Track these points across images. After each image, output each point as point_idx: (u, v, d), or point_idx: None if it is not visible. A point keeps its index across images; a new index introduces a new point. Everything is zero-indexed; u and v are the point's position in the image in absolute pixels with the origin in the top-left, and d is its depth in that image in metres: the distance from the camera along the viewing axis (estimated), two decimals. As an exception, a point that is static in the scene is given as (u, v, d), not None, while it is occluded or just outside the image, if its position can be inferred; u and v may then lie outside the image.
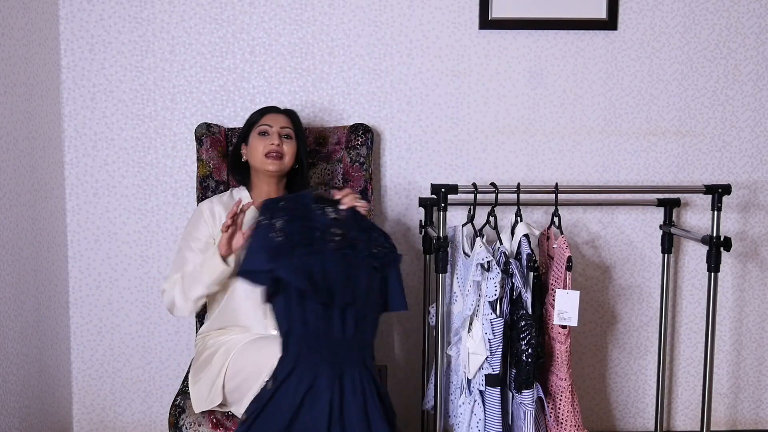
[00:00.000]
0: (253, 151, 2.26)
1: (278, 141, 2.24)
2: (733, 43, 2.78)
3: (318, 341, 1.89)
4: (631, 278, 2.84)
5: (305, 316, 1.88)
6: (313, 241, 1.91)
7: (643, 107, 2.79)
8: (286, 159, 2.26)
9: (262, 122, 2.29)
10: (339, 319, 1.90)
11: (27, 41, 2.41)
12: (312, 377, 1.87)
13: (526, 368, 2.13)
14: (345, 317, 1.91)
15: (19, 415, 2.35)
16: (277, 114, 2.32)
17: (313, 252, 1.90)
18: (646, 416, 2.90)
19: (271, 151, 2.22)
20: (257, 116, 2.32)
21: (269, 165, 2.23)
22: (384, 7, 2.70)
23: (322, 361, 1.89)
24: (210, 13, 2.68)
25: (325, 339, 1.90)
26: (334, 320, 1.90)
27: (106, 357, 2.78)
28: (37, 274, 2.50)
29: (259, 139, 2.25)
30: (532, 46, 2.74)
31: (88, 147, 2.70)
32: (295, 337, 1.90)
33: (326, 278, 1.89)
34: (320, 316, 1.89)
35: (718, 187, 2.33)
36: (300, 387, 1.87)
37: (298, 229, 1.91)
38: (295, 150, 2.29)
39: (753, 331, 2.90)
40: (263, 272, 1.87)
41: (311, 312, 1.88)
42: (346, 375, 1.89)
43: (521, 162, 2.78)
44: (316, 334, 1.89)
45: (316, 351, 1.89)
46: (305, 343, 1.89)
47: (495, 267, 2.11)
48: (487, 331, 2.12)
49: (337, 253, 1.92)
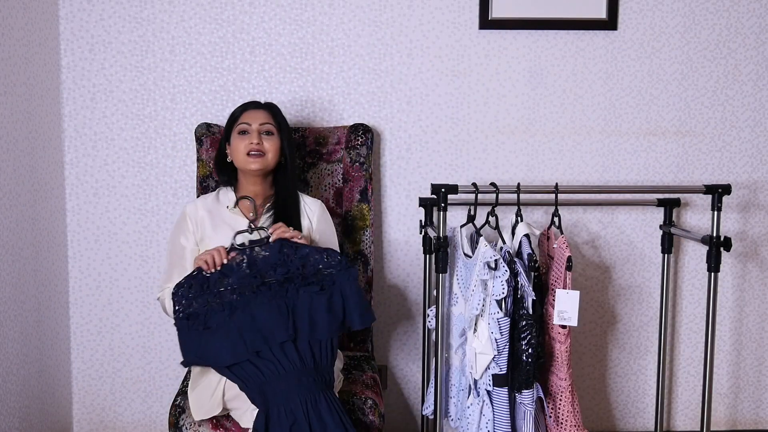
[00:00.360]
0: (235, 152, 2.22)
1: (257, 139, 2.19)
2: (733, 43, 2.78)
3: (279, 379, 1.95)
4: (631, 278, 2.84)
5: (256, 365, 1.95)
6: (234, 302, 1.99)
7: (643, 107, 2.79)
8: (269, 156, 2.21)
9: (242, 120, 2.24)
10: (293, 352, 1.96)
11: (27, 41, 2.41)
12: (290, 412, 1.92)
13: (526, 368, 2.13)
14: (299, 348, 1.97)
15: (19, 415, 2.35)
16: (257, 110, 2.26)
17: (238, 309, 1.98)
18: (646, 416, 2.90)
19: (252, 150, 2.19)
20: (237, 114, 2.27)
21: (251, 164, 2.19)
22: (384, 7, 2.70)
23: (292, 393, 1.93)
24: (210, 13, 2.68)
25: (285, 374, 1.95)
26: (288, 355, 1.96)
27: (106, 357, 2.78)
28: (37, 274, 2.50)
29: (240, 139, 2.21)
30: (532, 46, 2.74)
31: (88, 147, 2.70)
32: (257, 387, 1.96)
33: (259, 327, 1.96)
34: (271, 360, 1.95)
35: (718, 187, 2.33)
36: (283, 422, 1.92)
37: (216, 297, 2.00)
38: (278, 146, 2.23)
39: (753, 331, 2.90)
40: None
41: (259, 361, 1.95)
42: (320, 398, 1.94)
43: (521, 162, 2.78)
44: (273, 375, 1.95)
45: (281, 388, 1.94)
46: (268, 387, 1.95)
47: (503, 265, 2.11)
48: (494, 330, 2.12)
49: (265, 296, 1.99)
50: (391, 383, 2.82)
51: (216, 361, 1.98)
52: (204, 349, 1.98)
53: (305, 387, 1.95)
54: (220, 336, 1.97)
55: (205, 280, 2.01)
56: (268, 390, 1.95)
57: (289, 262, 2.04)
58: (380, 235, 2.77)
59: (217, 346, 1.96)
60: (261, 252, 2.05)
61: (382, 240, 2.78)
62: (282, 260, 2.04)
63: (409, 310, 2.81)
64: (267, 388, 1.95)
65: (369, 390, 2.28)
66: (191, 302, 2.00)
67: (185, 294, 2.01)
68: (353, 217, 2.56)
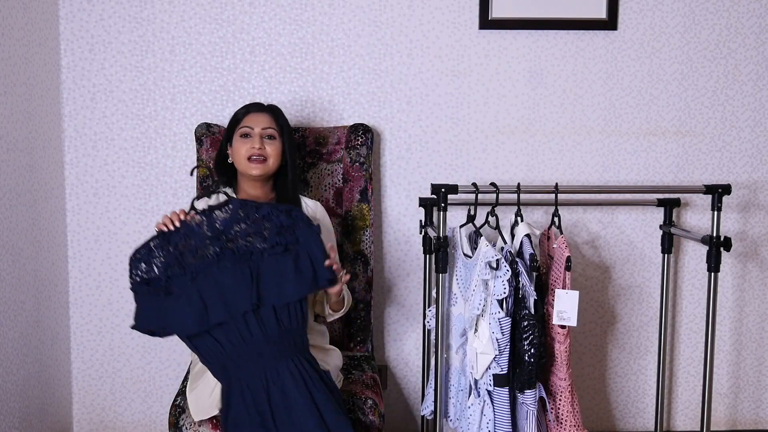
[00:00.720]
0: (237, 155, 2.20)
1: (260, 144, 2.17)
2: (733, 43, 2.78)
3: (240, 353, 1.93)
4: (631, 278, 2.84)
5: (216, 339, 1.93)
6: (196, 266, 1.94)
7: (643, 107, 2.79)
8: (270, 161, 2.19)
9: (244, 123, 2.21)
10: (254, 323, 1.93)
11: (27, 41, 2.41)
12: (250, 387, 1.91)
13: (529, 368, 2.13)
14: (261, 318, 1.93)
15: (19, 416, 2.35)
16: (259, 113, 2.24)
17: (200, 273, 1.93)
18: (646, 416, 2.90)
19: (253, 154, 2.17)
20: (240, 116, 2.25)
21: (253, 169, 2.18)
22: (384, 7, 2.70)
23: (252, 367, 1.92)
24: (210, 13, 2.68)
25: (245, 347, 1.93)
26: (250, 326, 1.93)
27: (106, 357, 2.78)
28: (37, 274, 2.50)
29: (242, 142, 2.19)
30: (532, 46, 2.74)
31: (88, 147, 2.70)
32: (218, 361, 1.95)
33: (222, 293, 1.92)
34: (231, 331, 1.92)
35: (718, 187, 2.33)
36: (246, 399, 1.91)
37: (177, 260, 1.94)
38: (279, 150, 2.21)
39: (753, 331, 2.90)
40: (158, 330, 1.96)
41: (220, 334, 1.92)
42: (282, 368, 1.92)
43: (521, 162, 2.78)
44: (234, 348, 1.93)
45: (242, 362, 1.93)
46: (230, 362, 1.94)
47: (504, 265, 2.11)
48: (495, 330, 2.12)
49: (229, 260, 1.94)
50: (391, 383, 2.83)
51: (179, 330, 1.93)
52: (165, 316, 1.93)
53: (266, 358, 1.93)
54: (183, 303, 1.91)
55: (166, 242, 1.95)
56: (229, 365, 1.94)
57: (249, 221, 1.99)
58: (380, 235, 2.77)
59: (180, 314, 1.92)
60: (221, 214, 2.00)
61: (382, 240, 2.78)
62: (243, 219, 1.99)
63: (409, 310, 2.81)
64: (228, 363, 1.94)
65: (369, 390, 2.28)
66: (151, 266, 1.94)
67: (144, 257, 1.95)
68: (353, 217, 2.56)
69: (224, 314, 1.91)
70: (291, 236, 1.97)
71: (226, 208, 1.99)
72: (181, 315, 1.91)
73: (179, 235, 1.95)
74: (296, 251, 1.97)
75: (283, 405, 1.90)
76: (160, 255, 1.94)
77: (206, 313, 1.91)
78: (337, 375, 2.26)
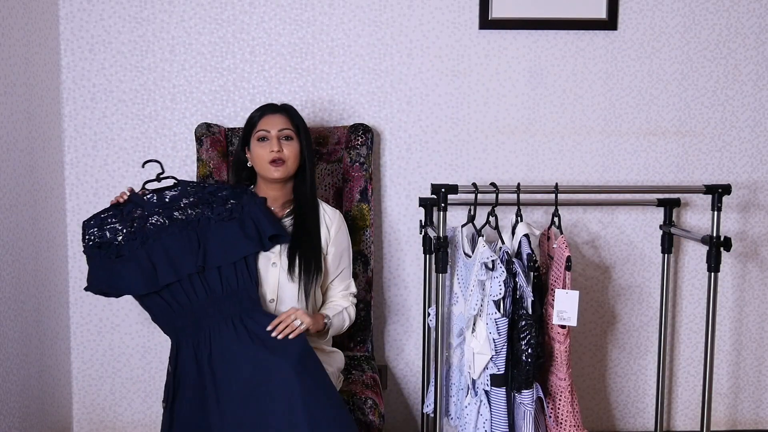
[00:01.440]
0: (257, 159, 2.20)
1: (278, 147, 2.17)
2: (733, 43, 2.78)
3: (186, 313, 2.04)
4: (631, 278, 2.84)
5: (165, 299, 2.05)
6: (145, 232, 2.07)
7: (643, 107, 2.79)
8: (289, 163, 2.19)
9: (260, 127, 2.21)
10: (200, 285, 2.04)
11: (27, 41, 2.41)
12: (195, 346, 2.02)
13: (526, 368, 2.13)
14: (206, 280, 2.05)
15: (19, 415, 2.35)
16: (274, 115, 2.24)
17: (149, 238, 2.06)
18: (646, 416, 2.90)
19: (274, 158, 2.17)
20: (255, 119, 2.25)
21: (274, 172, 2.18)
22: (384, 7, 2.70)
23: (198, 326, 2.03)
24: (210, 13, 2.68)
25: (191, 307, 2.04)
26: (196, 288, 2.04)
27: (106, 357, 2.78)
28: (37, 274, 2.50)
29: (260, 146, 2.19)
30: (532, 46, 2.74)
31: (88, 147, 2.70)
32: (167, 321, 2.06)
33: (169, 256, 2.04)
34: (178, 292, 2.04)
35: (718, 187, 2.33)
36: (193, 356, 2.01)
37: (128, 227, 2.08)
38: (297, 150, 2.21)
39: (753, 331, 2.90)
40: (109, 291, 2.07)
41: (168, 295, 2.04)
42: (227, 326, 2.01)
43: (521, 162, 2.78)
44: (181, 308, 2.04)
45: (189, 321, 2.04)
46: (178, 320, 2.05)
47: (500, 266, 2.11)
48: (492, 330, 2.12)
49: (177, 226, 2.08)
50: (391, 383, 2.83)
51: (130, 290, 2.04)
52: (116, 278, 2.03)
53: (211, 318, 2.02)
54: (133, 265, 2.03)
55: (118, 211, 2.09)
56: (178, 323, 2.05)
57: (197, 196, 2.13)
58: (380, 235, 2.77)
59: (130, 275, 2.02)
60: (171, 192, 2.14)
61: (382, 240, 2.78)
62: (191, 194, 2.14)
63: (409, 310, 2.81)
64: (177, 322, 2.05)
65: (369, 390, 2.28)
66: (104, 231, 2.07)
67: (97, 223, 2.07)
68: (353, 217, 2.56)
69: (172, 275, 2.03)
70: (236, 206, 2.12)
71: (175, 188, 2.15)
72: (131, 276, 2.03)
73: (130, 206, 2.10)
74: (241, 218, 2.11)
75: (223, 362, 1.97)
76: (112, 222, 2.08)
77: (155, 274, 2.03)
78: (338, 376, 2.26)
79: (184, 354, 2.03)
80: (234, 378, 1.94)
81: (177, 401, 2.02)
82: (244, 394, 1.92)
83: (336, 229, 2.27)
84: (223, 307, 2.04)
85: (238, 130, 2.60)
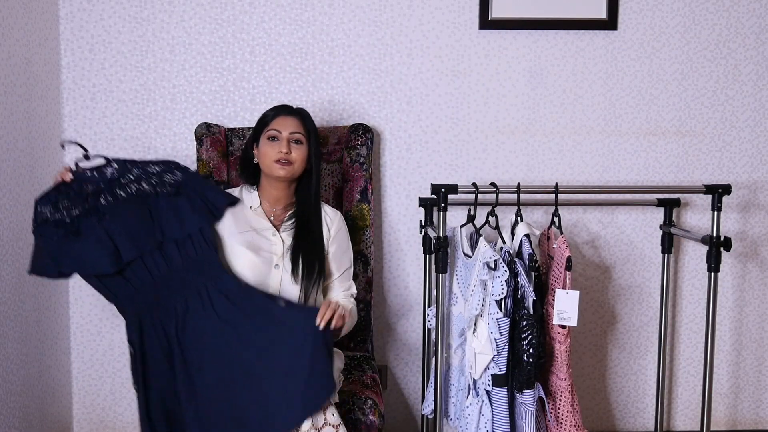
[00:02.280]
0: (263, 157, 2.20)
1: (287, 149, 2.17)
2: (733, 43, 2.78)
3: (148, 289, 2.03)
4: (631, 278, 2.84)
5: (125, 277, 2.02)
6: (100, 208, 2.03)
7: (643, 107, 2.79)
8: (296, 166, 2.19)
9: (272, 126, 2.21)
10: (160, 259, 2.03)
11: (27, 41, 2.41)
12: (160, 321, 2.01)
13: (527, 368, 2.13)
14: (165, 253, 2.04)
15: (20, 415, 2.35)
16: (288, 117, 2.23)
17: (106, 214, 2.02)
18: (646, 416, 2.90)
19: (281, 159, 2.17)
20: (269, 118, 2.24)
21: (278, 171, 2.18)
22: (384, 7, 2.70)
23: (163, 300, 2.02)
24: (210, 13, 2.68)
25: (153, 283, 2.03)
26: (157, 262, 2.03)
27: (106, 357, 2.78)
28: (37, 274, 2.50)
29: (269, 145, 2.19)
30: (532, 46, 2.74)
31: (88, 147, 2.69)
32: (127, 298, 2.03)
33: (128, 232, 2.01)
34: (138, 268, 2.02)
35: (718, 187, 2.33)
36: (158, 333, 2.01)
37: (81, 204, 2.03)
38: (305, 155, 2.21)
39: (753, 331, 2.90)
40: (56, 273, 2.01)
41: (128, 272, 2.02)
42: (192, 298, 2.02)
43: (521, 162, 2.78)
44: (143, 284, 2.02)
45: (151, 297, 2.03)
46: (140, 296, 2.03)
47: (502, 265, 2.11)
48: (493, 330, 2.12)
49: (130, 202, 2.05)
50: (391, 383, 2.83)
51: (95, 269, 1.99)
52: (76, 257, 1.98)
53: (173, 291, 2.02)
54: (93, 243, 1.98)
55: (67, 189, 2.02)
56: (141, 304, 2.02)
57: (135, 173, 2.10)
58: (380, 235, 2.77)
59: (93, 254, 1.98)
60: (109, 169, 2.09)
61: (382, 240, 2.78)
62: (129, 171, 2.10)
63: (409, 310, 2.81)
64: (138, 298, 2.03)
65: (369, 390, 2.28)
66: (58, 208, 2.00)
67: (50, 200, 2.01)
68: (353, 217, 2.56)
69: (134, 252, 2.01)
70: (176, 180, 2.11)
71: (110, 165, 2.09)
72: (95, 255, 1.98)
73: (77, 184, 2.04)
74: (186, 193, 2.10)
75: (193, 335, 1.99)
76: (64, 200, 2.02)
77: (117, 252, 1.99)
78: (338, 376, 2.26)
79: (150, 333, 2.01)
80: (205, 351, 1.97)
81: (148, 382, 2.02)
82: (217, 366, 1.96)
83: (336, 229, 2.27)
84: (187, 280, 2.03)
85: (238, 130, 2.60)
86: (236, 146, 2.58)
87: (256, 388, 1.94)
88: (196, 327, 1.99)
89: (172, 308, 2.01)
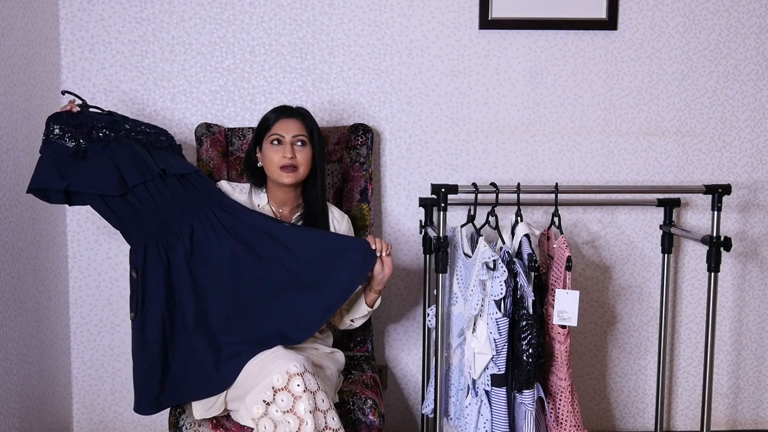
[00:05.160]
0: (268, 162, 2.20)
1: (291, 153, 2.17)
2: (733, 43, 2.78)
3: (151, 215, 2.06)
4: (631, 278, 2.84)
5: (130, 203, 2.05)
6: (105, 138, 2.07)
7: (643, 107, 2.79)
8: (301, 169, 2.20)
9: (275, 131, 2.20)
10: (162, 187, 2.07)
11: (27, 41, 2.41)
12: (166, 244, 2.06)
13: (527, 368, 2.13)
14: (168, 184, 2.09)
15: (19, 415, 2.35)
16: (289, 119, 2.22)
17: (111, 142, 2.06)
18: (646, 416, 2.90)
19: (285, 165, 2.17)
20: (270, 121, 2.23)
21: (285, 178, 2.18)
22: (384, 7, 2.70)
23: (166, 224, 2.07)
24: (210, 13, 2.68)
25: (157, 209, 2.07)
26: (159, 189, 2.07)
27: (106, 357, 2.78)
28: (37, 274, 2.50)
29: (273, 150, 2.19)
30: (532, 46, 2.74)
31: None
32: (132, 221, 2.07)
33: (133, 159, 2.05)
34: (142, 194, 2.05)
35: (718, 187, 2.33)
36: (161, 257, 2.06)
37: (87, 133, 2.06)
38: (309, 156, 2.21)
39: (753, 331, 2.90)
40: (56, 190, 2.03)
41: (132, 198, 2.05)
42: (200, 219, 2.09)
43: (521, 162, 2.78)
44: (146, 210, 2.06)
45: (155, 223, 2.07)
46: (144, 221, 2.06)
47: (501, 266, 2.11)
48: (493, 330, 2.12)
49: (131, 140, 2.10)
50: (391, 383, 2.83)
51: (101, 189, 2.02)
52: (82, 176, 2.01)
53: (178, 216, 2.08)
54: (99, 166, 2.02)
55: (75, 119, 2.05)
56: (145, 224, 2.06)
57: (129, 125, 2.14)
58: (380, 235, 2.77)
59: (100, 174, 2.01)
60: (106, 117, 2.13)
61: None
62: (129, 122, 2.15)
63: (409, 310, 2.81)
64: (144, 223, 2.06)
65: (369, 390, 2.28)
66: (65, 132, 2.03)
67: (61, 122, 2.03)
68: (353, 217, 2.56)
69: (139, 177, 2.04)
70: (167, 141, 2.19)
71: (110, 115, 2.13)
72: (101, 175, 2.02)
73: (82, 117, 2.06)
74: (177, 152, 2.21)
75: (200, 251, 2.06)
76: (71, 127, 2.05)
77: (122, 177, 2.03)
78: (339, 376, 2.26)
79: (152, 258, 2.05)
80: (222, 270, 2.04)
81: (146, 308, 2.05)
82: (231, 287, 2.05)
83: (344, 230, 2.30)
84: (193, 205, 2.10)
85: (238, 130, 2.60)
86: (236, 146, 2.58)
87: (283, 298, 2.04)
88: (206, 250, 2.06)
89: (179, 233, 2.06)
